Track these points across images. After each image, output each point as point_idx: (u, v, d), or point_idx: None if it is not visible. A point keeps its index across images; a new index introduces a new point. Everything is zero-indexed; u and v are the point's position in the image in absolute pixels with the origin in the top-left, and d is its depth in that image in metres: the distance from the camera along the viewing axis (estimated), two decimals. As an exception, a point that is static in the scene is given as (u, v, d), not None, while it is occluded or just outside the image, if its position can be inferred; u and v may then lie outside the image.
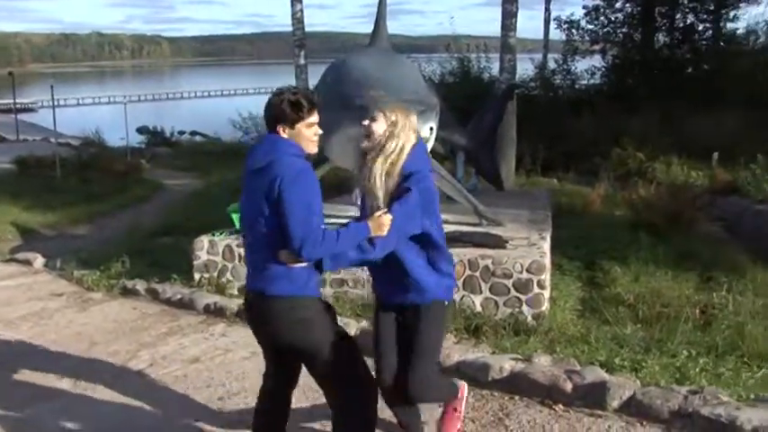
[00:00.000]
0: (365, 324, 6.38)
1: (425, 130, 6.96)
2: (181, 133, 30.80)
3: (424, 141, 5.19)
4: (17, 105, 37.03)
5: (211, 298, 7.55)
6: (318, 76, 8.48)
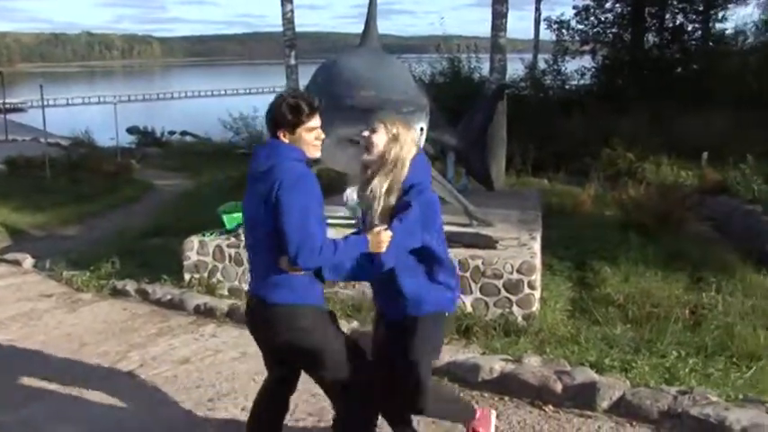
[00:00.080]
0: (355, 324, 6.39)
1: (416, 131, 6.95)
2: (171, 133, 30.74)
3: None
4: (6, 105, 36.80)
5: (201, 298, 7.54)
6: (309, 77, 8.46)
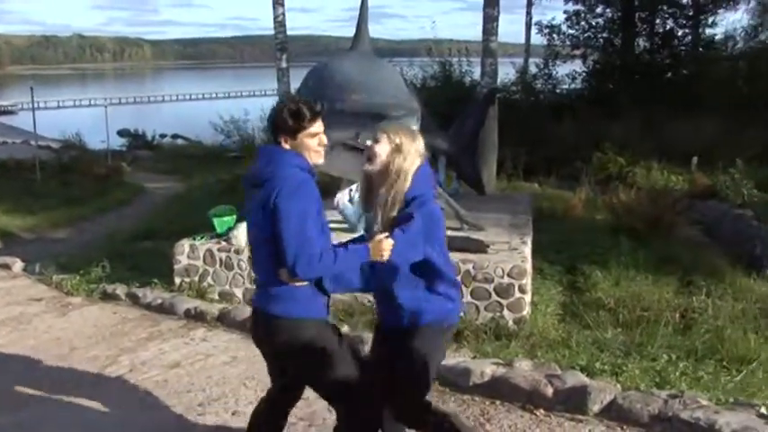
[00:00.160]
0: (346, 329, 6.39)
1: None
2: (162, 136, 30.69)
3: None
4: (-4, 108, 36.75)
5: (192, 303, 7.52)
6: (300, 80, 8.46)
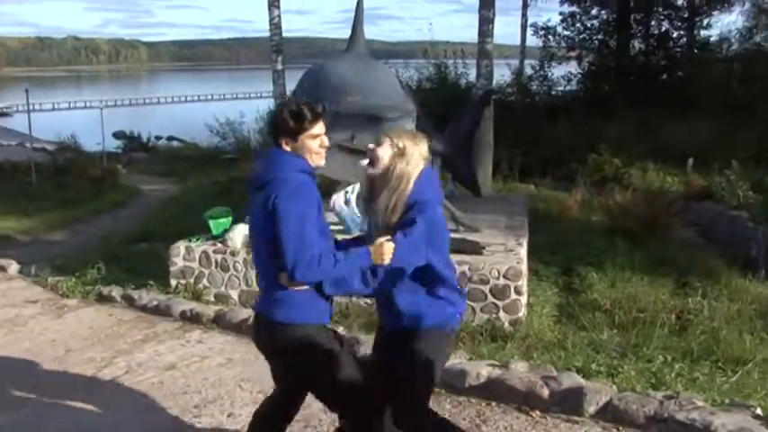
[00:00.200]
0: (342, 330, 6.37)
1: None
2: (158, 138, 30.63)
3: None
4: (-8, 110, 36.69)
5: (188, 304, 7.52)
6: (296, 82, 8.45)
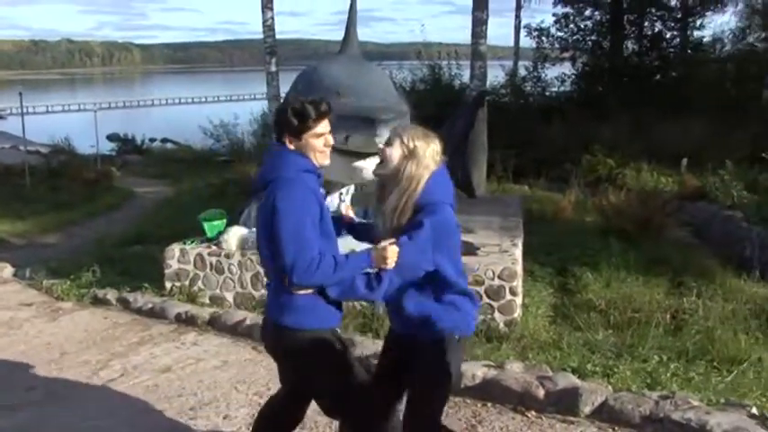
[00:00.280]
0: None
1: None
2: (152, 141, 30.68)
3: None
4: (-15, 113, 36.61)
5: (183, 307, 7.50)
6: (290, 83, 8.45)
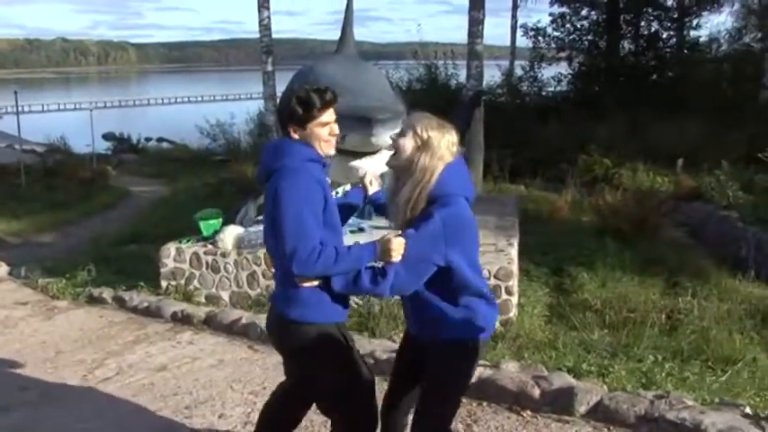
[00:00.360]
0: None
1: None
2: (147, 140, 30.59)
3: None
4: (-20, 112, 36.54)
5: (178, 306, 7.51)
6: (286, 83, 8.45)
